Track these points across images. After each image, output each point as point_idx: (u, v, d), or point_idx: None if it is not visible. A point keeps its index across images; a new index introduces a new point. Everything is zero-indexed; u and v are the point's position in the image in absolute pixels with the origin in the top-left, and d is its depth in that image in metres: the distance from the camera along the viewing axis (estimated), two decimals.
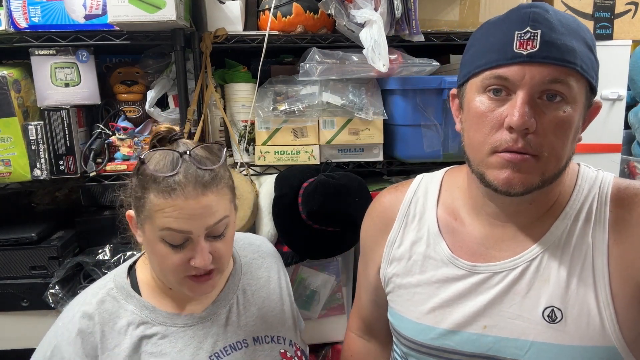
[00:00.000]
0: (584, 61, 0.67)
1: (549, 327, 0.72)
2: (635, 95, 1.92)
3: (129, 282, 0.89)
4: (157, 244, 0.79)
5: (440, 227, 0.84)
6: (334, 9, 1.37)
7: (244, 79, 1.52)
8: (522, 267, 0.75)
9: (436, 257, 0.83)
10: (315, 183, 1.28)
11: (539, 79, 0.66)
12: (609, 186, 0.76)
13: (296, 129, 1.44)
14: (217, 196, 0.79)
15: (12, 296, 1.37)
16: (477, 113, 0.71)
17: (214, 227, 0.79)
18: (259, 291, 0.97)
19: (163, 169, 0.78)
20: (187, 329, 0.86)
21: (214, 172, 0.79)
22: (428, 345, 0.81)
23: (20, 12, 1.32)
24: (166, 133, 0.83)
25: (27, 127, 1.33)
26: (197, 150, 0.81)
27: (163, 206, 0.76)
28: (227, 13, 1.43)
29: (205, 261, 0.78)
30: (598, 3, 1.59)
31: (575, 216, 0.75)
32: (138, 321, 0.85)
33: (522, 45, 0.66)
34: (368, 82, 1.47)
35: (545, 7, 0.68)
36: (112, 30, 1.33)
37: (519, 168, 0.68)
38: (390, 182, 1.57)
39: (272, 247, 1.08)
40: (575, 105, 0.68)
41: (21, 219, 1.51)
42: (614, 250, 0.71)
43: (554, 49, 0.65)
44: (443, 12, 1.49)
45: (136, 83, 1.50)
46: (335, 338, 1.54)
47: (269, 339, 0.92)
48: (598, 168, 0.82)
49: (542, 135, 0.67)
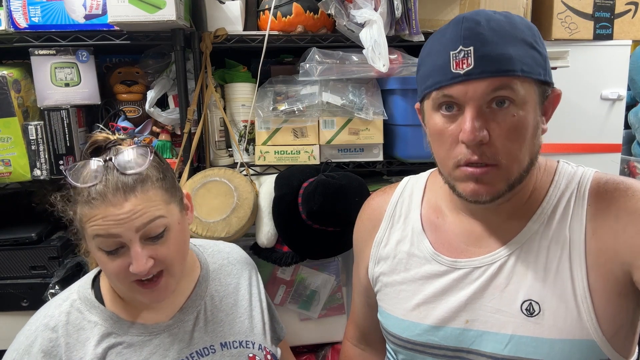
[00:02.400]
0: (524, 63, 0.68)
1: (527, 320, 0.73)
2: (635, 95, 1.93)
3: (93, 292, 0.88)
4: (96, 252, 0.79)
5: (423, 225, 0.86)
6: (334, 9, 1.36)
7: (244, 79, 1.52)
8: (500, 262, 0.77)
9: (419, 254, 0.85)
10: (315, 183, 1.28)
11: (481, 92, 0.68)
12: (589, 180, 0.76)
13: (296, 129, 1.44)
14: (142, 199, 0.77)
15: (12, 296, 1.37)
16: (436, 131, 0.75)
17: (147, 229, 0.78)
18: (227, 297, 0.96)
19: (85, 180, 0.78)
20: (152, 338, 0.86)
21: (139, 175, 0.78)
22: (414, 341, 0.83)
23: (20, 12, 1.32)
24: (102, 142, 0.83)
25: (27, 127, 1.33)
26: (122, 156, 0.80)
27: (89, 216, 0.76)
28: (227, 13, 1.43)
29: (141, 266, 0.77)
30: (598, 3, 1.59)
31: (552, 211, 0.76)
32: (102, 332, 0.84)
33: (459, 65, 0.68)
34: (368, 82, 1.47)
35: (477, 20, 0.69)
36: (112, 30, 1.33)
37: (481, 180, 0.71)
38: (390, 182, 1.57)
39: (243, 254, 1.07)
40: (525, 105, 0.70)
41: (21, 219, 1.51)
42: (591, 244, 0.72)
43: (489, 63, 0.67)
44: (443, 12, 1.49)
45: (136, 83, 1.50)
46: (335, 338, 1.54)
47: (237, 343, 0.92)
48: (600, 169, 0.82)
49: (496, 144, 0.69)
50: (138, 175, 0.78)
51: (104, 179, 0.77)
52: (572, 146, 1.64)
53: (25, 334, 0.84)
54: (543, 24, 1.61)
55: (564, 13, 1.58)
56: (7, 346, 0.85)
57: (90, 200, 0.76)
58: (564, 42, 1.59)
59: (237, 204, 1.33)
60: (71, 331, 0.84)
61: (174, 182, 0.87)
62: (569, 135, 1.62)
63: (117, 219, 0.75)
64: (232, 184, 1.35)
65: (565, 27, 1.58)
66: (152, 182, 0.80)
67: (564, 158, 0.84)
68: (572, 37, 1.59)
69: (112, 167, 0.78)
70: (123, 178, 0.77)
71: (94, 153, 0.83)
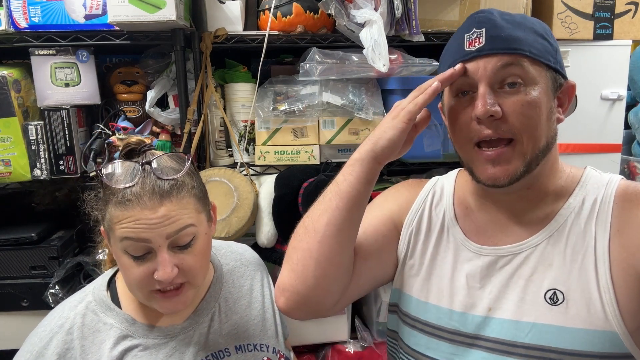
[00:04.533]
0: (533, 46, 0.73)
1: (550, 309, 0.74)
2: (635, 95, 1.92)
3: (109, 294, 0.88)
4: (121, 256, 0.79)
5: (456, 213, 0.88)
6: (334, 9, 1.37)
7: (244, 79, 1.52)
8: (526, 253, 0.78)
9: (450, 239, 0.86)
10: (315, 183, 1.28)
11: (492, 67, 0.72)
12: (616, 183, 0.79)
13: (296, 129, 1.44)
14: (177, 206, 0.77)
15: (12, 296, 1.37)
16: (453, 114, 0.79)
17: (176, 237, 0.77)
18: (240, 299, 0.95)
19: (121, 181, 0.77)
20: (168, 341, 0.85)
21: (175, 181, 0.78)
22: (433, 324, 0.83)
23: (20, 12, 1.32)
24: (136, 145, 0.83)
25: (27, 127, 1.33)
26: (160, 160, 0.80)
27: (121, 217, 0.76)
28: (227, 13, 1.43)
29: (167, 274, 0.76)
30: (598, 3, 1.59)
31: (580, 207, 0.78)
32: (118, 335, 0.83)
33: (471, 44, 0.74)
34: (368, 82, 1.47)
35: (491, 11, 0.77)
36: (112, 30, 1.33)
37: (498, 162, 0.74)
38: (390, 182, 1.57)
39: (255, 255, 1.06)
40: (536, 86, 0.73)
41: (21, 219, 1.51)
42: (615, 240, 0.74)
43: (499, 41, 0.73)
44: (443, 12, 1.49)
45: (136, 83, 1.50)
46: (335, 338, 1.54)
47: (252, 347, 0.91)
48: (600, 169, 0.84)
49: (511, 119, 0.72)
50: (174, 181, 0.78)
51: (141, 181, 0.76)
52: (572, 146, 1.64)
53: (40, 335, 0.83)
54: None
55: (564, 13, 1.57)
56: (7, 346, 0.84)
57: (124, 201, 0.75)
58: (564, 42, 1.59)
59: (237, 204, 1.33)
60: (87, 333, 0.83)
61: (205, 192, 0.86)
62: (569, 135, 1.61)
63: (150, 223, 0.75)
64: (232, 184, 1.35)
65: (565, 27, 1.58)
66: (187, 189, 0.80)
67: (564, 158, 0.85)
68: (572, 37, 1.59)
69: (149, 170, 0.78)
70: (160, 183, 0.77)
71: (127, 156, 0.83)
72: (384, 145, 0.78)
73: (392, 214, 0.91)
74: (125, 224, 0.75)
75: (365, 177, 0.78)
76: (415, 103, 0.76)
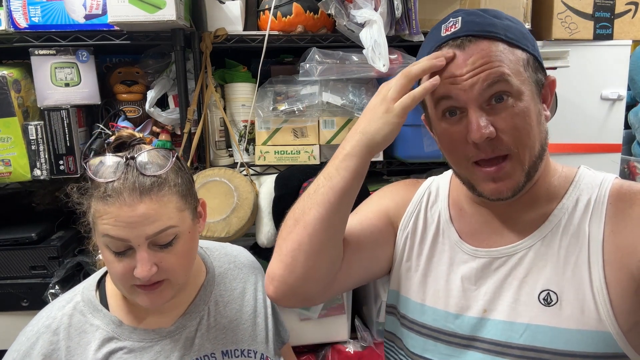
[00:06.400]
0: (508, 30, 0.73)
1: (544, 309, 0.74)
2: (635, 95, 1.93)
3: (98, 295, 0.87)
4: (103, 250, 0.78)
5: (451, 214, 0.88)
6: (334, 9, 1.37)
7: (244, 79, 1.52)
8: (521, 254, 0.78)
9: (445, 242, 0.86)
10: None
11: (478, 89, 0.71)
12: (610, 183, 0.78)
13: (296, 129, 1.44)
14: (157, 204, 0.76)
15: (12, 296, 1.37)
16: (445, 136, 0.78)
17: (156, 237, 0.76)
18: (232, 302, 0.94)
19: (104, 175, 0.77)
20: (154, 344, 0.85)
21: (158, 178, 0.77)
22: (430, 326, 0.83)
23: (20, 12, 1.32)
24: (127, 138, 0.83)
25: (27, 127, 1.33)
26: (144, 156, 0.78)
27: (101, 213, 0.75)
28: (227, 13, 1.43)
29: (145, 272, 0.75)
30: (598, 3, 1.59)
31: (573, 208, 0.78)
32: (104, 336, 0.83)
33: (448, 30, 0.75)
34: (368, 82, 1.47)
35: (470, 8, 0.78)
36: (112, 30, 1.33)
37: (499, 177, 0.74)
38: (390, 182, 1.57)
39: (250, 258, 1.05)
40: (522, 95, 0.72)
41: (21, 219, 1.51)
42: (609, 240, 0.73)
43: (474, 25, 0.73)
44: (443, 12, 1.49)
45: (136, 83, 1.50)
46: (335, 338, 1.54)
47: (239, 352, 0.90)
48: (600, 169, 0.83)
49: (504, 136, 0.72)
50: (156, 178, 0.77)
51: (123, 177, 0.76)
52: (572, 146, 1.64)
53: (27, 335, 0.83)
54: (543, 24, 1.61)
55: (564, 13, 1.58)
56: (7, 346, 0.85)
57: (105, 196, 0.75)
58: (564, 42, 1.59)
59: (237, 204, 1.33)
60: (73, 334, 0.82)
61: (192, 189, 0.85)
62: (569, 135, 1.61)
63: (128, 221, 0.74)
64: (232, 184, 1.35)
65: (565, 27, 1.58)
66: (169, 186, 0.78)
67: (564, 158, 0.85)
68: (572, 37, 1.59)
69: (133, 166, 0.77)
70: (141, 179, 0.76)
71: (117, 149, 0.82)
72: (380, 142, 0.79)
73: (388, 210, 0.92)
74: (106, 220, 0.75)
75: (360, 172, 0.79)
76: (413, 97, 0.76)
